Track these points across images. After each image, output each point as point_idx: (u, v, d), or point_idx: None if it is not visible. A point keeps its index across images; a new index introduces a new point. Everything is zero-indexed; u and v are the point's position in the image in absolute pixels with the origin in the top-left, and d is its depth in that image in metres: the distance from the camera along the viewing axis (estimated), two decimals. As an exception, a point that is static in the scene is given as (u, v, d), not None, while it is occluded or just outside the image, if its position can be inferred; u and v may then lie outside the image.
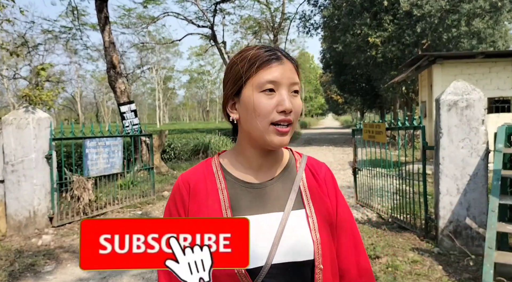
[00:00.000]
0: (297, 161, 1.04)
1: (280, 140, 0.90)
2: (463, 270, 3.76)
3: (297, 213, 0.93)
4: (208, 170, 0.99)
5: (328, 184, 1.03)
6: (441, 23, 15.16)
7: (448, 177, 4.21)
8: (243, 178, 0.97)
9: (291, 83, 0.91)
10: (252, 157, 0.96)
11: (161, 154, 11.06)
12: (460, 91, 4.24)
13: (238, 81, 0.92)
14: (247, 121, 0.92)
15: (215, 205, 0.92)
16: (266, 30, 23.10)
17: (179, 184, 0.98)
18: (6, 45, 8.10)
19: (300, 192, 0.97)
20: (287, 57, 0.93)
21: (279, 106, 0.88)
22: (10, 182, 5.39)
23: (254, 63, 0.90)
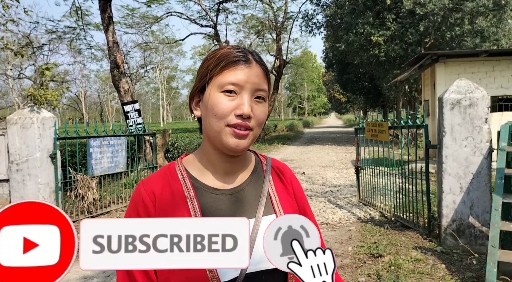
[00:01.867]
0: (263, 164, 1.01)
1: (236, 143, 0.85)
2: (466, 269, 3.77)
3: (268, 219, 0.90)
4: (172, 177, 0.92)
5: (294, 187, 1.02)
6: (444, 21, 15.11)
7: (451, 175, 4.21)
8: (212, 185, 0.91)
9: (255, 89, 0.86)
10: (217, 161, 0.92)
11: (164, 153, 11.10)
12: (463, 89, 4.23)
13: (203, 78, 0.89)
14: (206, 120, 0.88)
15: (185, 216, 0.86)
16: (269, 29, 23.09)
17: (141, 194, 0.89)
18: (11, 45, 8.15)
19: (269, 196, 0.94)
20: (257, 62, 0.89)
21: (237, 109, 0.84)
22: (15, 181, 5.44)
23: (221, 62, 0.87)
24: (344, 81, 28.85)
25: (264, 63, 0.92)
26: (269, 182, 0.97)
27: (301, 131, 33.91)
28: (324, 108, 78.06)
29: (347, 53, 19.42)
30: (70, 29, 16.17)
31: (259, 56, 0.92)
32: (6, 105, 43.45)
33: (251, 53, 0.90)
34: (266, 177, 0.97)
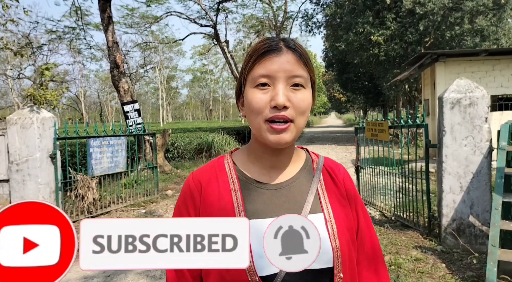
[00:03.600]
0: (314, 162, 0.98)
1: (276, 139, 0.82)
2: (467, 268, 3.77)
3: (315, 217, 0.87)
4: (220, 169, 0.93)
5: (347, 187, 0.97)
6: (444, 21, 15.11)
7: (451, 175, 4.21)
8: (257, 179, 0.91)
9: (289, 76, 0.82)
10: (263, 156, 0.91)
11: (164, 153, 11.10)
12: (463, 89, 4.23)
13: (240, 77, 0.89)
14: (248, 118, 0.87)
15: (228, 207, 0.86)
16: (269, 29, 23.08)
17: (189, 184, 0.92)
18: (11, 45, 8.15)
19: (317, 195, 0.91)
20: (289, 47, 0.85)
21: (271, 101, 0.81)
22: (15, 181, 5.44)
23: (251, 57, 0.85)
24: (344, 80, 28.85)
25: (300, 47, 0.87)
26: (319, 180, 0.93)
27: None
28: (324, 107, 78.05)
29: (347, 53, 19.42)
30: (69, 29, 16.17)
31: (294, 42, 0.88)
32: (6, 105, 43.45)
33: (283, 40, 0.87)
34: (316, 175, 0.94)
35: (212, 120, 71.28)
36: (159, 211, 6.72)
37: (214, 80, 65.68)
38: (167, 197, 7.77)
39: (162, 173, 9.88)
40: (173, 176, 9.94)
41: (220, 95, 73.86)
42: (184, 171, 10.76)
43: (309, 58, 0.88)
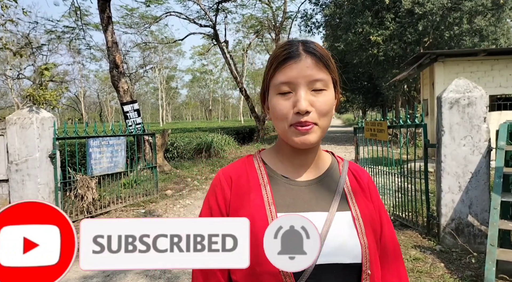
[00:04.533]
0: (339, 164, 1.01)
1: (302, 140, 0.86)
2: (465, 268, 3.78)
3: (342, 215, 0.90)
4: (249, 165, 0.96)
5: (371, 191, 1.00)
6: (443, 21, 15.13)
7: (450, 174, 4.22)
8: (286, 175, 0.94)
9: (310, 81, 0.85)
10: (291, 155, 0.94)
11: (164, 153, 11.10)
12: (462, 89, 4.24)
13: (264, 83, 0.93)
14: (274, 122, 0.91)
15: (258, 200, 0.89)
16: (268, 29, 23.09)
17: (220, 177, 0.95)
18: (10, 45, 8.15)
19: (344, 194, 0.93)
20: (308, 51, 0.87)
21: (295, 107, 0.84)
22: (15, 181, 5.44)
23: (272, 64, 0.89)
24: (343, 80, 28.79)
25: (319, 49, 0.88)
26: (345, 182, 0.96)
27: (301, 130, 33.84)
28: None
29: (346, 53, 19.43)
30: (69, 29, 16.16)
31: (314, 44, 0.89)
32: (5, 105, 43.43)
33: (303, 43, 0.89)
34: (342, 176, 0.97)
35: (212, 120, 71.28)
36: (158, 211, 6.73)
37: (214, 80, 65.70)
38: (167, 197, 7.77)
39: (161, 173, 9.88)
40: (173, 176, 9.94)
41: (219, 95, 73.84)
42: (183, 171, 10.76)
43: (330, 58, 0.91)
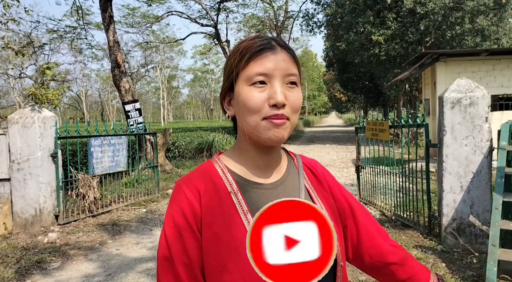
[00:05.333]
0: (294, 160, 1.00)
1: (276, 133, 0.82)
2: (467, 268, 3.77)
3: None
4: (213, 173, 0.89)
5: (328, 181, 1.01)
6: (445, 20, 15.10)
7: (451, 174, 4.21)
8: (253, 179, 0.89)
9: (285, 74, 0.82)
10: (256, 156, 0.89)
11: (165, 152, 11.11)
12: (463, 88, 4.24)
13: (231, 75, 0.87)
14: (241, 117, 0.86)
15: (231, 210, 0.83)
16: (270, 29, 23.09)
17: (184, 191, 0.85)
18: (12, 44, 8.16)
19: (307, 190, 0.93)
20: (282, 47, 0.85)
21: (270, 99, 0.80)
22: (16, 180, 5.45)
23: (244, 55, 0.83)
24: (344, 80, 28.83)
25: (290, 47, 0.88)
26: (304, 177, 0.95)
27: (302, 130, 33.89)
28: (324, 107, 78.01)
29: (348, 52, 19.41)
30: (71, 28, 16.17)
31: (284, 41, 0.88)
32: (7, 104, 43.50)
33: (274, 39, 0.87)
34: (300, 172, 0.95)
35: (213, 119, 71.27)
36: (160, 211, 6.74)
37: (215, 80, 65.70)
38: (168, 196, 7.78)
39: (163, 173, 9.89)
40: (174, 176, 9.95)
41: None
42: (185, 171, 10.77)
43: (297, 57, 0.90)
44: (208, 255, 0.81)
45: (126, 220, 6.09)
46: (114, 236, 5.33)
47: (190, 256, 0.81)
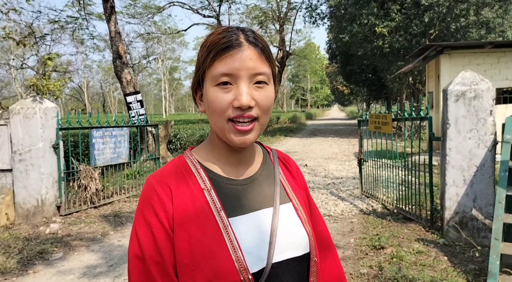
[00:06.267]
0: (270, 154, 0.99)
1: (240, 140, 0.80)
2: (469, 261, 3.77)
3: (285, 207, 0.89)
4: (185, 169, 0.87)
5: (300, 177, 1.02)
6: (449, 12, 14.94)
7: (454, 168, 4.19)
8: (227, 175, 0.88)
9: (252, 74, 0.78)
10: (228, 153, 0.88)
11: (167, 144, 11.10)
12: (468, 81, 4.19)
13: (198, 72, 0.84)
14: (209, 117, 0.83)
15: (204, 208, 0.82)
16: (272, 20, 22.90)
17: (155, 188, 0.83)
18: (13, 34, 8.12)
19: (282, 186, 0.93)
20: (251, 42, 0.80)
21: (234, 101, 0.77)
22: (18, 171, 5.45)
23: (210, 52, 0.79)
24: (347, 72, 28.69)
25: (261, 40, 0.82)
26: (279, 172, 0.95)
27: (304, 123, 33.86)
28: (327, 100, 77.81)
29: (351, 45, 19.28)
30: (72, 19, 16.07)
31: (254, 34, 0.82)
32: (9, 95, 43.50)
33: (244, 33, 0.81)
34: (276, 167, 0.95)
35: (215, 111, 71.06)
36: (161, 202, 6.74)
37: (217, 72, 65.39)
38: (170, 188, 7.79)
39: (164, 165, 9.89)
40: (176, 167, 9.95)
41: (222, 86, 73.49)
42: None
43: (270, 50, 0.85)
44: (180, 253, 0.79)
45: (127, 211, 6.10)
46: (116, 227, 5.34)
47: (162, 255, 0.79)
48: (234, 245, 0.79)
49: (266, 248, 0.82)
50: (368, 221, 5.11)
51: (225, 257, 0.77)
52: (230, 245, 0.78)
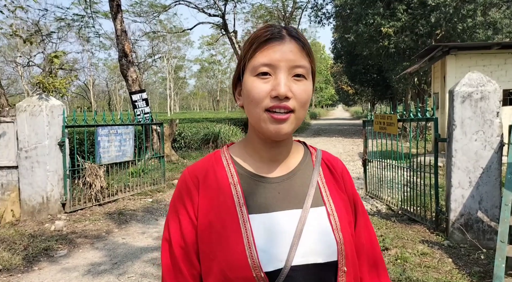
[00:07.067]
0: (312, 155, 0.96)
1: (276, 129, 0.80)
2: (474, 264, 3.74)
3: (317, 211, 0.86)
4: (217, 163, 0.90)
5: (345, 181, 0.96)
6: (456, 13, 14.84)
7: (460, 169, 4.16)
8: (256, 172, 0.88)
9: (292, 66, 0.80)
10: (262, 148, 0.88)
11: (171, 142, 11.13)
12: (475, 82, 4.17)
13: (239, 65, 0.86)
14: (246, 108, 0.85)
15: (228, 201, 0.83)
16: (278, 19, 22.89)
17: (186, 178, 0.88)
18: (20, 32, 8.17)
19: (318, 188, 0.89)
20: (292, 36, 0.82)
21: (272, 91, 0.78)
22: (24, 168, 5.49)
23: (252, 44, 0.82)
24: (352, 72, 28.61)
25: (302, 37, 0.84)
26: (319, 173, 0.92)
27: (308, 122, 33.78)
28: (331, 100, 77.63)
29: (356, 44, 19.21)
30: (78, 17, 16.14)
31: (296, 30, 0.85)
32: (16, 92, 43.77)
33: (286, 28, 0.84)
34: (316, 168, 0.92)
35: (219, 110, 71.25)
36: (165, 201, 6.76)
37: (222, 71, 65.51)
38: (174, 187, 7.81)
39: (169, 163, 9.92)
40: (180, 166, 9.98)
41: (227, 85, 73.61)
42: (190, 161, 10.79)
43: (311, 48, 0.86)
44: (201, 242, 0.83)
45: (132, 209, 6.12)
46: (120, 225, 5.36)
47: (186, 241, 0.85)
48: (250, 241, 0.79)
49: (285, 249, 0.80)
50: (373, 222, 5.10)
51: (239, 252, 0.79)
52: (246, 241, 0.79)
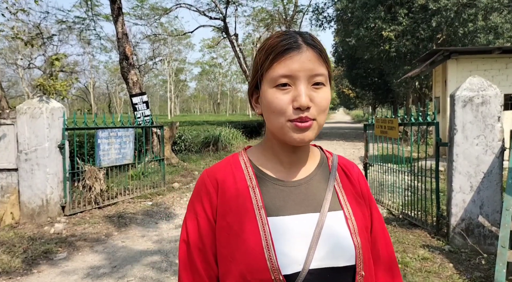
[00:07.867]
0: (328, 160, 0.97)
1: (300, 137, 0.81)
2: (475, 269, 3.72)
3: (334, 215, 0.87)
4: (236, 166, 0.91)
5: (362, 186, 0.97)
6: (457, 17, 14.87)
7: (461, 174, 4.15)
8: (275, 176, 0.89)
9: (311, 75, 0.81)
10: (281, 153, 0.89)
11: (171, 145, 11.11)
12: (476, 87, 4.16)
13: (256, 74, 0.86)
14: (267, 117, 0.85)
15: (246, 203, 0.85)
16: (279, 23, 22.93)
17: (205, 180, 0.90)
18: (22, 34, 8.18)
19: (335, 192, 0.90)
20: (309, 44, 0.82)
21: (294, 102, 0.80)
22: (24, 170, 5.48)
23: (269, 54, 0.82)
24: (353, 76, 28.64)
25: (318, 43, 0.85)
26: (335, 178, 0.93)
27: (309, 126, 33.72)
28: (332, 103, 77.65)
29: (357, 48, 19.24)
30: (80, 19, 16.18)
31: (312, 37, 0.85)
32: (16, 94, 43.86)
33: (302, 35, 0.84)
34: (332, 173, 0.93)
35: (220, 113, 71.32)
36: (165, 204, 6.75)
37: (223, 74, 65.63)
38: (174, 190, 7.79)
39: (169, 166, 9.90)
40: (180, 169, 9.96)
41: (228, 88, 73.77)
42: (190, 164, 10.78)
43: (326, 53, 0.87)
44: (220, 244, 0.84)
45: (132, 212, 6.10)
46: (120, 228, 5.34)
47: (204, 242, 0.86)
48: (268, 244, 0.80)
49: (303, 252, 0.81)
50: (373, 226, 5.07)
51: (258, 254, 0.79)
52: (264, 243, 0.80)
